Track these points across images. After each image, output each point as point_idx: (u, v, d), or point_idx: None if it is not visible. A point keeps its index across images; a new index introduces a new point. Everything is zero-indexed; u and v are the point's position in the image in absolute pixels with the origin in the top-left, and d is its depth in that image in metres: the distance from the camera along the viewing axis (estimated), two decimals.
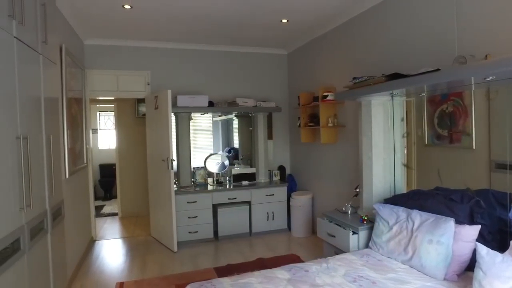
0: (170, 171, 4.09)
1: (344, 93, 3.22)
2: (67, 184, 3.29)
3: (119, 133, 6.01)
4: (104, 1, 3.35)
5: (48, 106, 2.64)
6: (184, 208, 4.37)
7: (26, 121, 2.16)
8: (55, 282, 2.65)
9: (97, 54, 4.62)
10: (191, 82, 4.99)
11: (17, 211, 1.99)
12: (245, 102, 4.85)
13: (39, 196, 2.35)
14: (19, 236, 1.99)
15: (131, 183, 5.97)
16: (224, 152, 5.41)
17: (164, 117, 4.18)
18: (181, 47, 4.93)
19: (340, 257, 2.56)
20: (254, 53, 5.30)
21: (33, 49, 2.33)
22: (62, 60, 3.25)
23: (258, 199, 4.72)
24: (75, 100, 3.85)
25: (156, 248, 4.36)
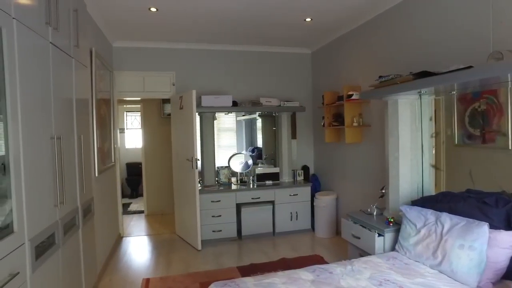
0: (195, 170, 4.16)
1: (370, 92, 3.15)
2: (96, 183, 3.41)
3: (145, 132, 6.16)
4: (131, 5, 3.44)
5: (79, 107, 2.74)
6: (208, 207, 4.43)
7: (59, 122, 2.25)
8: (86, 276, 2.76)
9: (125, 56, 4.75)
10: (215, 82, 5.04)
11: (52, 208, 2.08)
12: (269, 101, 4.84)
13: (71, 194, 2.45)
14: (54, 231, 2.08)
15: (157, 181, 6.11)
16: (248, 152, 5.43)
17: (188, 117, 4.25)
18: (205, 47, 4.99)
19: (365, 259, 2.51)
20: (278, 52, 5.28)
21: (66, 53, 2.43)
22: (92, 62, 3.37)
23: (281, 199, 4.71)
24: (103, 101, 3.97)
25: (180, 246, 4.44)
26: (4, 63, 1.59)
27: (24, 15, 1.77)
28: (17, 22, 1.69)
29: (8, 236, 1.58)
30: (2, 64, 1.59)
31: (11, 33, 1.63)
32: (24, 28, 1.77)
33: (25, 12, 1.80)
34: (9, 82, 1.62)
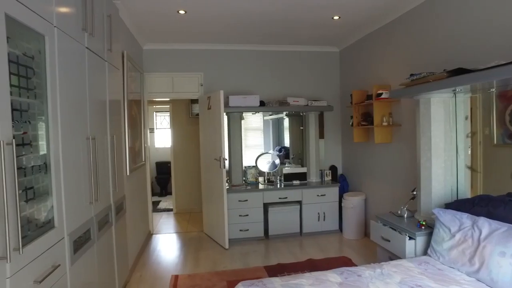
0: (222, 169, 4.21)
1: (401, 90, 3.06)
2: (127, 181, 3.53)
3: (174, 132, 6.30)
4: (160, 8, 3.53)
5: (112, 108, 2.85)
6: (236, 206, 4.47)
7: (94, 122, 2.35)
8: (118, 270, 2.86)
9: (154, 58, 4.88)
10: (243, 82, 5.07)
11: (88, 205, 2.18)
12: (296, 101, 4.81)
13: (105, 192, 2.55)
14: (89, 227, 2.19)
15: (185, 180, 6.24)
16: (275, 151, 5.43)
17: (216, 117, 4.30)
18: (233, 48, 5.03)
19: (396, 263, 2.44)
20: (305, 51, 5.24)
21: (100, 57, 2.53)
22: (124, 65, 3.48)
23: (309, 199, 4.67)
24: (134, 102, 4.11)
25: (208, 244, 4.51)
26: (46, 68, 1.69)
27: (63, 23, 1.86)
28: (57, 30, 1.78)
29: (50, 230, 1.67)
30: (45, 70, 1.68)
31: (52, 40, 1.73)
32: (64, 35, 1.86)
33: (65, 20, 1.89)
34: (50, 86, 1.71)
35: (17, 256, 1.35)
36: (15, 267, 1.35)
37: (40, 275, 1.53)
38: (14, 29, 1.43)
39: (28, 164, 1.55)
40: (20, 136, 1.49)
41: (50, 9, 1.72)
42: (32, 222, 1.56)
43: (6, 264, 1.30)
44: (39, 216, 1.63)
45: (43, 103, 1.68)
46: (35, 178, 1.61)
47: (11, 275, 1.32)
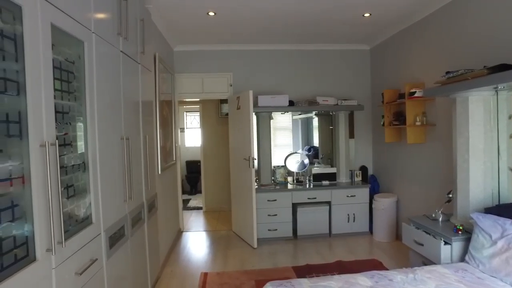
0: (252, 169, 4.23)
1: (436, 89, 2.94)
2: (159, 180, 3.64)
3: (204, 132, 6.42)
4: (190, 10, 3.60)
5: (145, 109, 2.95)
6: (265, 206, 4.48)
7: (128, 123, 2.45)
8: (150, 266, 2.96)
9: (185, 59, 4.99)
10: (272, 81, 5.08)
11: (122, 202, 2.27)
12: (326, 100, 4.75)
13: (138, 190, 2.65)
14: (123, 224, 2.27)
15: (215, 179, 6.33)
16: (304, 151, 5.39)
17: (245, 116, 4.33)
18: (262, 48, 5.04)
19: (430, 268, 2.35)
20: (335, 50, 5.16)
21: (134, 60, 2.62)
22: (156, 67, 3.59)
23: (338, 200, 4.60)
24: (166, 102, 4.22)
25: (237, 243, 4.56)
26: (85, 72, 1.78)
27: (100, 28, 1.95)
28: (95, 36, 1.87)
29: (88, 226, 1.76)
30: (83, 74, 1.77)
31: (90, 45, 1.81)
32: (101, 40, 1.95)
33: (102, 26, 1.98)
34: (88, 89, 1.80)
35: (61, 249, 1.43)
36: (59, 259, 1.43)
37: (80, 267, 1.62)
38: (58, 36, 1.51)
39: (68, 163, 1.64)
40: (62, 136, 1.58)
41: (89, 16, 1.81)
42: (72, 218, 1.65)
43: (52, 256, 1.38)
44: (78, 212, 1.72)
45: (81, 105, 1.77)
46: (75, 176, 1.70)
47: (56, 266, 1.41)
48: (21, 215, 1.28)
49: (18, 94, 1.27)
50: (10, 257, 1.20)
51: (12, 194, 1.23)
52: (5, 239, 1.19)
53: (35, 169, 1.31)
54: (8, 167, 1.21)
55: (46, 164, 1.34)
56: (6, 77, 1.21)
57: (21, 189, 1.27)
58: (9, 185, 1.22)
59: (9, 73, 1.23)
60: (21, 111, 1.27)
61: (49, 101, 1.41)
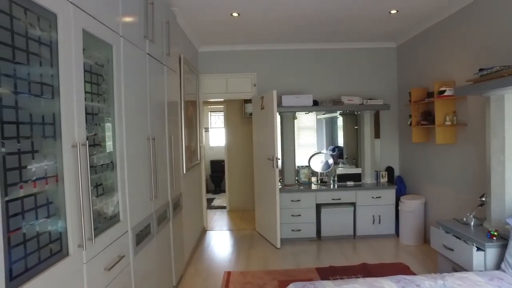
0: (275, 169, 4.23)
1: (468, 87, 2.82)
2: (184, 179, 3.71)
3: (228, 131, 6.47)
4: (215, 12, 3.64)
5: (170, 110, 3.01)
6: (288, 206, 4.46)
7: (154, 123, 2.51)
8: (175, 263, 3.03)
9: (209, 60, 5.05)
10: (296, 81, 5.05)
11: (148, 201, 2.33)
12: (351, 100, 4.67)
13: (163, 189, 2.71)
14: (149, 222, 2.34)
15: (238, 178, 6.38)
16: (328, 151, 5.33)
17: (269, 116, 4.33)
18: (285, 47, 5.03)
19: (461, 275, 2.25)
20: (360, 48, 5.06)
21: (159, 62, 2.69)
22: (181, 68, 3.65)
23: (363, 201, 4.51)
24: (190, 103, 4.29)
25: (260, 242, 4.57)
26: (113, 75, 1.84)
27: (128, 32, 2.01)
28: (123, 39, 1.93)
29: (116, 224, 1.82)
30: (112, 76, 1.83)
31: (118, 49, 1.88)
32: (128, 43, 2.01)
33: (129, 29, 2.04)
34: (116, 91, 1.86)
35: (91, 245, 1.50)
36: (89, 255, 1.49)
37: (109, 263, 1.68)
38: (88, 41, 1.57)
39: (98, 162, 1.70)
40: (91, 137, 1.64)
41: (117, 21, 1.87)
42: (101, 216, 1.71)
43: (83, 252, 1.45)
44: (107, 210, 1.78)
45: (110, 106, 1.83)
46: (104, 175, 1.76)
47: (86, 261, 1.47)
48: (55, 212, 1.34)
49: (53, 97, 1.33)
50: (46, 251, 1.27)
51: (47, 192, 1.30)
52: (42, 234, 1.26)
53: (67, 169, 1.37)
54: (43, 167, 1.28)
55: (77, 163, 1.40)
56: (42, 82, 1.28)
57: (55, 187, 1.34)
58: (45, 184, 1.29)
59: (45, 77, 1.29)
60: (55, 113, 1.34)
61: (80, 103, 1.47)
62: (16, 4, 1.15)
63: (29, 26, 1.21)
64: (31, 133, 1.22)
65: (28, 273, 1.17)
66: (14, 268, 1.11)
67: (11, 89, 1.14)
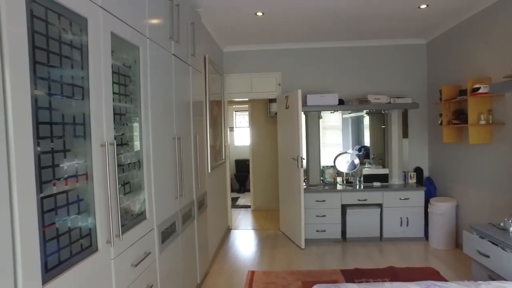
0: (300, 169, 4.20)
1: (506, 84, 2.68)
2: (209, 178, 3.75)
3: (253, 131, 6.49)
4: (239, 12, 3.66)
5: (195, 109, 3.06)
6: (313, 206, 4.42)
7: (179, 123, 2.55)
8: (200, 261, 3.07)
9: (234, 59, 5.09)
10: (321, 80, 4.99)
11: (173, 200, 2.38)
12: (377, 98, 4.56)
13: (188, 188, 2.76)
14: (174, 220, 2.38)
15: (263, 178, 6.38)
16: (355, 151, 5.23)
17: (294, 116, 4.31)
18: (310, 46, 4.98)
19: (499, 285, 2.12)
20: (388, 45, 4.92)
21: (185, 62, 2.73)
22: (206, 68, 3.70)
23: (390, 202, 4.39)
24: (215, 103, 4.34)
25: (284, 242, 4.55)
26: (140, 75, 1.89)
27: (154, 33, 2.06)
28: (149, 41, 1.98)
29: (142, 221, 1.87)
30: (138, 77, 1.88)
31: (145, 50, 1.92)
32: (154, 44, 2.06)
33: (155, 31, 2.09)
34: (143, 91, 1.91)
35: (118, 242, 1.54)
36: (117, 251, 1.54)
37: (135, 260, 1.73)
38: (116, 43, 1.62)
39: (125, 161, 1.75)
40: (119, 137, 1.69)
41: (144, 23, 1.92)
42: (128, 213, 1.77)
43: (111, 248, 1.49)
44: (134, 208, 1.83)
45: (137, 107, 1.88)
46: (131, 174, 1.81)
47: (114, 257, 1.52)
48: (85, 208, 1.39)
49: (83, 98, 1.38)
50: (77, 246, 1.33)
51: (78, 189, 1.35)
52: (73, 229, 1.31)
53: (96, 167, 1.42)
54: (74, 165, 1.33)
55: (105, 162, 1.45)
56: (73, 83, 1.33)
57: (85, 185, 1.39)
58: (76, 181, 1.34)
59: (76, 79, 1.35)
60: (85, 114, 1.39)
61: (108, 104, 1.52)
62: (51, 10, 1.20)
63: (62, 31, 1.27)
64: (63, 133, 1.27)
65: (61, 266, 1.22)
66: (49, 260, 1.17)
67: (45, 91, 1.19)
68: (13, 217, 0.99)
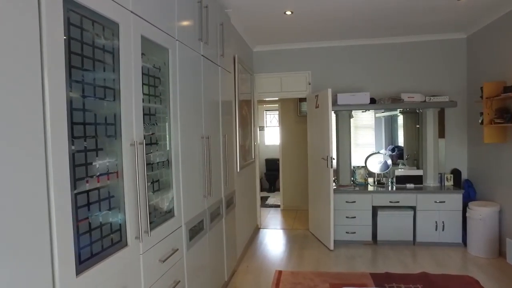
0: (330, 169, 4.13)
1: None
2: (238, 177, 3.79)
3: (283, 130, 6.47)
4: (268, 11, 3.66)
5: (224, 109, 3.10)
6: (343, 207, 4.34)
7: (208, 123, 2.60)
8: (227, 259, 3.11)
9: (263, 59, 5.10)
10: (352, 78, 4.88)
11: (202, 198, 2.43)
12: (411, 97, 4.38)
13: (216, 187, 2.80)
14: (202, 218, 2.43)
15: (293, 177, 6.35)
16: (387, 151, 5.07)
17: (324, 115, 4.25)
18: (341, 44, 4.88)
19: None
20: (423, 41, 4.72)
21: (214, 63, 2.77)
22: (235, 68, 3.74)
23: (425, 205, 4.21)
24: (245, 102, 4.37)
25: (313, 243, 4.50)
26: (169, 77, 1.94)
27: (183, 35, 2.11)
28: (178, 43, 2.03)
29: (171, 219, 1.93)
30: (168, 78, 1.94)
31: (174, 52, 1.98)
32: (183, 46, 2.11)
33: (184, 33, 2.14)
34: (172, 92, 1.96)
35: (147, 238, 1.60)
36: (145, 247, 1.60)
37: (163, 256, 1.79)
38: (146, 46, 1.68)
39: (154, 160, 1.81)
40: (148, 136, 1.75)
41: (173, 25, 1.97)
42: (157, 210, 1.83)
43: (140, 243, 1.56)
44: (162, 205, 1.89)
45: (166, 107, 1.94)
46: (160, 172, 1.87)
47: (143, 252, 1.58)
48: (116, 205, 1.46)
49: (114, 99, 1.45)
50: (108, 240, 1.39)
51: (109, 186, 1.42)
52: (104, 225, 1.38)
53: (126, 165, 1.48)
54: (106, 163, 1.40)
55: (135, 161, 1.51)
56: (105, 85, 1.40)
57: (116, 182, 1.46)
58: (107, 179, 1.41)
59: (108, 81, 1.41)
60: (116, 114, 1.45)
61: (138, 105, 1.58)
62: (86, 17, 1.27)
63: (95, 36, 1.33)
64: (95, 132, 1.34)
65: (93, 259, 1.29)
66: (82, 253, 1.24)
67: (80, 93, 1.26)
68: (50, 211, 1.06)
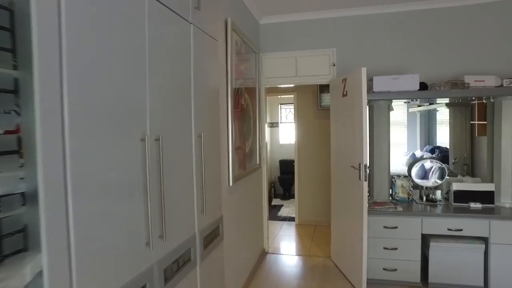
0: (363, 182, 2.93)
1: None
2: (230, 194, 2.66)
3: (298, 126, 5.27)
4: None
5: (203, 95, 1.96)
6: (379, 234, 3.14)
7: (160, 112, 1.48)
8: None
9: (273, 34, 3.91)
10: (392, 57, 3.63)
11: (143, 248, 1.31)
12: (481, 80, 3.11)
13: (181, 222, 1.67)
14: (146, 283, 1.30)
15: (311, 184, 5.16)
16: (425, 152, 3.87)
17: (356, 106, 3.05)
18: (376, 11, 3.63)
19: None
20: (495, 2, 3.40)
21: (178, 15, 1.63)
22: (228, 37, 2.61)
23: (502, 236, 2.94)
24: (246, 90, 3.26)
25: (336, 279, 3.33)
26: None
27: None
28: None
29: None
30: None
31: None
32: None
33: None
34: None
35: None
36: None
37: None
38: None
39: None
40: None
41: None
42: None
43: None
44: None
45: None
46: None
47: None
48: None
49: None
50: None
51: None
52: None
53: None
54: None
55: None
56: None
57: None
58: None
59: None
60: None
61: None
62: None
63: None
64: None
65: None
66: None
67: None
68: None
